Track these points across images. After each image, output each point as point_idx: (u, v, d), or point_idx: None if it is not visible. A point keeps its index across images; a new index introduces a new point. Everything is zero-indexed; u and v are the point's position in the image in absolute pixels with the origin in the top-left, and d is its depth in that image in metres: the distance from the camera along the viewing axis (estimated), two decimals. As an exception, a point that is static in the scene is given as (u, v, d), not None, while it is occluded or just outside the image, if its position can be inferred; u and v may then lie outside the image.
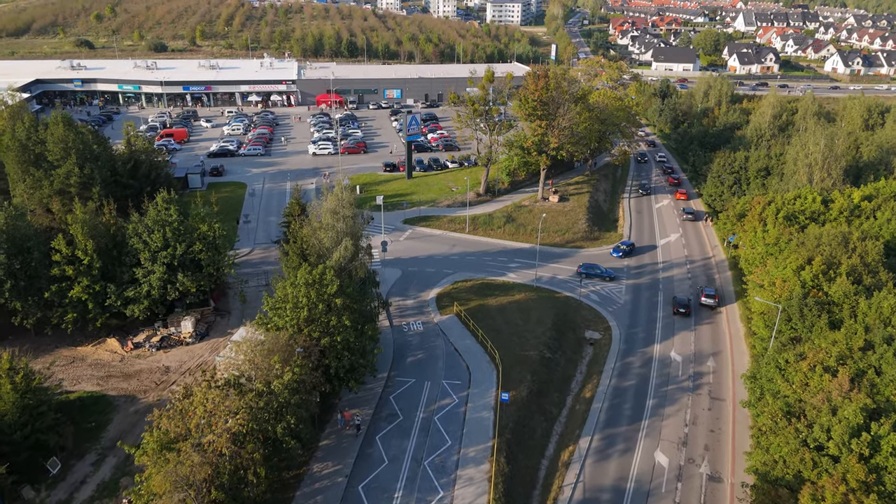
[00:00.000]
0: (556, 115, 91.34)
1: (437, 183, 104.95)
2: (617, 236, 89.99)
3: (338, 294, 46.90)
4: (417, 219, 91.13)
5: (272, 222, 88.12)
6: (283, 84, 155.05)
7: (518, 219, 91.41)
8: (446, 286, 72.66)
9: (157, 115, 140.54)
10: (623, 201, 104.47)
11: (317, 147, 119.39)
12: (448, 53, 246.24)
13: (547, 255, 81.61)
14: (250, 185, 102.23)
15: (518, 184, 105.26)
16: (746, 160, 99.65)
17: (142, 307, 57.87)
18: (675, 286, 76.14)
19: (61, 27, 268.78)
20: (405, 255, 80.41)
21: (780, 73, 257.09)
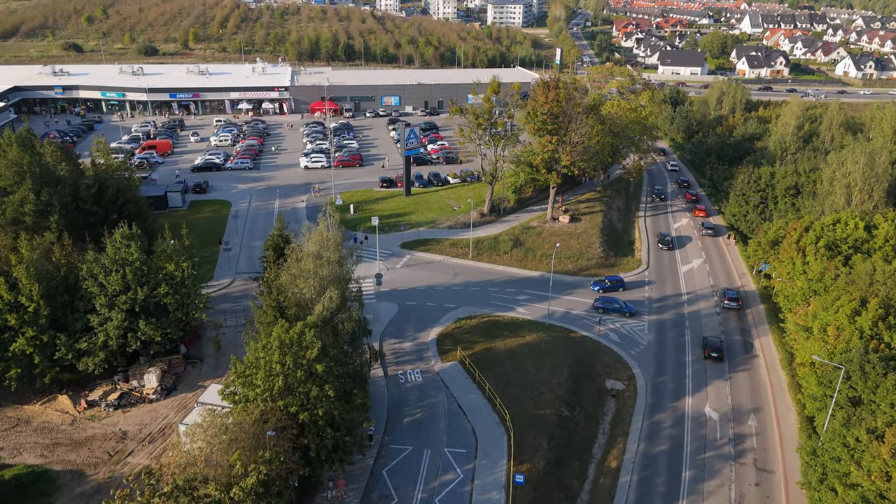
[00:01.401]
0: (567, 130, 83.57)
1: (437, 201, 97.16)
2: (634, 262, 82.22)
3: (319, 358, 39.15)
4: (416, 242, 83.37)
5: (257, 248, 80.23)
6: (276, 91, 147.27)
7: (526, 242, 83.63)
8: (448, 324, 64.89)
9: (140, 125, 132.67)
10: (638, 221, 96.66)
11: (309, 160, 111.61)
12: (448, 57, 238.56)
13: (559, 284, 73.83)
14: (235, 204, 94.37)
15: (525, 201, 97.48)
16: (772, 177, 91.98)
17: (97, 360, 50.12)
18: (702, 322, 68.38)
19: (51, 30, 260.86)
20: (403, 286, 72.67)
21: (791, 76, 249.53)
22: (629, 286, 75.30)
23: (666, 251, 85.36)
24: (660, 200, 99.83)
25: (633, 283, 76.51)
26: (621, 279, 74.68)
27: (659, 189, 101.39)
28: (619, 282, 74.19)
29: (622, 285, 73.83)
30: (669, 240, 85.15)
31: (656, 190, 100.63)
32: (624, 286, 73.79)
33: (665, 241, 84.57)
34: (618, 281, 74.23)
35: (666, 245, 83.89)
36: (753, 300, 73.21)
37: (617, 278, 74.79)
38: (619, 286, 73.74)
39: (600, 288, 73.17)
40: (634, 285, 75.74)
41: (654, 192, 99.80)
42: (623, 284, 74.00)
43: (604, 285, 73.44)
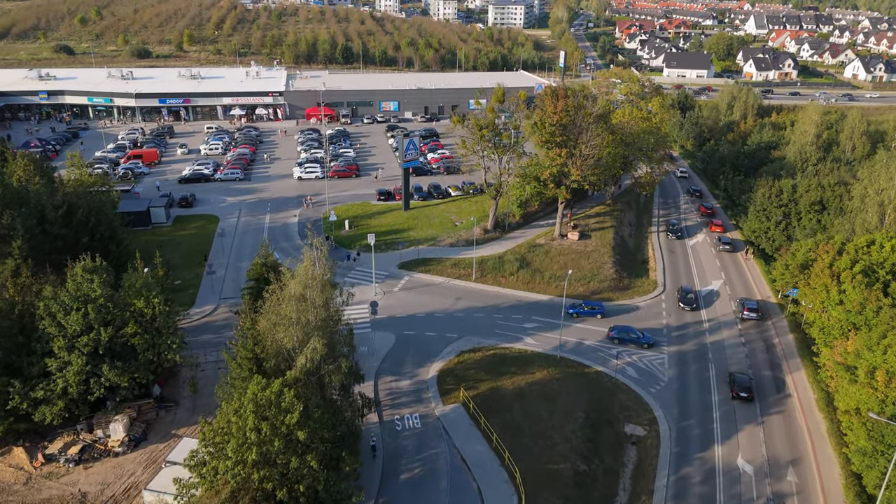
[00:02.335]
0: (577, 142, 77.94)
1: (438, 215, 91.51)
2: (649, 283, 76.56)
3: (301, 423, 33.56)
4: (415, 262, 77.73)
5: (244, 269, 74.50)
6: (270, 96, 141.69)
7: (533, 262, 77.99)
8: (450, 358, 59.24)
9: (127, 132, 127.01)
10: (651, 237, 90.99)
11: (303, 171, 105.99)
12: (449, 59, 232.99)
13: (569, 310, 68.22)
14: (223, 219, 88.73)
15: (531, 216, 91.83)
16: (794, 190, 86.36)
17: (55, 410, 44.49)
18: (727, 354, 62.72)
19: (43, 31, 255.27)
20: (400, 313, 67.03)
21: (800, 79, 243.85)
22: (645, 314, 69.71)
23: (685, 277, 79.68)
24: (676, 238, 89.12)
25: (650, 308, 70.96)
26: (601, 305, 68.54)
27: (675, 224, 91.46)
28: (596, 307, 68.30)
29: (601, 312, 67.82)
30: (693, 298, 71.60)
31: (672, 226, 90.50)
32: (603, 313, 67.62)
33: (688, 301, 70.90)
34: (595, 307, 68.34)
35: (689, 305, 70.63)
36: (781, 328, 67.53)
37: (596, 304, 68.84)
38: (598, 312, 67.83)
39: (575, 312, 67.73)
40: (650, 316, 70.08)
41: (671, 229, 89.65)
42: (602, 311, 67.78)
43: (579, 310, 67.90)
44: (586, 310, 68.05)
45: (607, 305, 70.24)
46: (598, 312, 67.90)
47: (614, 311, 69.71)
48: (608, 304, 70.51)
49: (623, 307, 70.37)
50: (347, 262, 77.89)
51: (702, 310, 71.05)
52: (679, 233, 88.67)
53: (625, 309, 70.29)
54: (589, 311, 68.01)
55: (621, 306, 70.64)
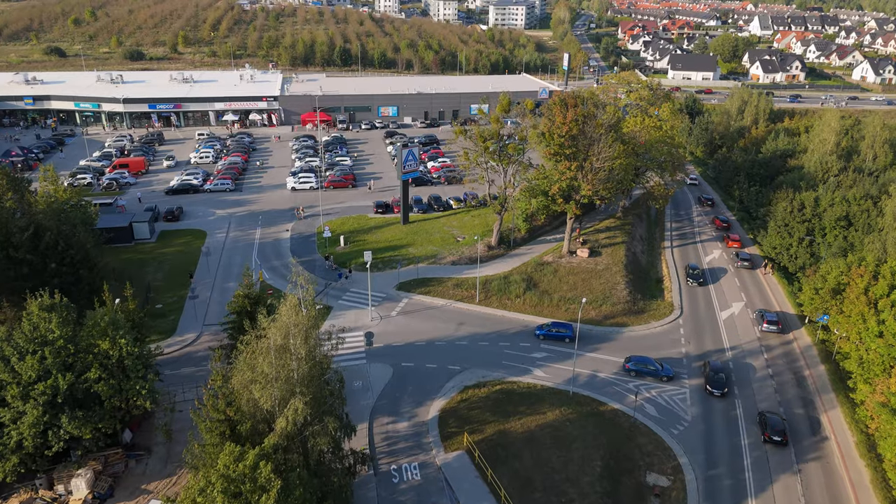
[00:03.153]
0: (587, 154, 72.85)
1: (438, 230, 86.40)
2: (665, 306, 71.45)
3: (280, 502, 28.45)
4: (415, 283, 72.63)
5: (231, 291, 69.48)
6: (264, 101, 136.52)
7: (541, 283, 72.88)
8: (453, 395, 54.15)
9: (115, 139, 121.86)
10: (665, 253, 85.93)
11: (297, 181, 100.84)
12: (450, 62, 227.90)
13: (581, 337, 63.11)
14: (211, 234, 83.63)
15: (537, 230, 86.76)
16: (817, 203, 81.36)
17: (8, 466, 39.43)
18: (754, 389, 57.63)
19: (35, 32, 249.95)
20: (398, 341, 61.94)
21: (808, 81, 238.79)
22: (662, 340, 64.64)
23: (702, 298, 74.56)
24: (698, 285, 75.78)
25: (667, 334, 65.87)
26: (570, 328, 63.03)
27: (695, 268, 77.83)
28: (564, 330, 63.07)
29: (569, 336, 62.51)
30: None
31: (692, 270, 76.89)
32: (572, 337, 62.10)
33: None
34: (563, 329, 63.15)
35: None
36: (811, 359, 62.38)
37: (565, 326, 63.56)
38: (566, 336, 62.69)
39: (542, 334, 62.99)
40: (668, 343, 65.01)
41: (691, 275, 76.13)
42: (571, 335, 62.29)
43: (547, 331, 63.09)
44: (553, 332, 63.26)
45: (623, 334, 65.21)
46: (567, 336, 62.88)
47: (630, 338, 64.66)
48: (623, 333, 65.46)
49: (641, 338, 65.10)
50: (340, 280, 72.91)
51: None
52: (701, 279, 75.96)
53: (643, 340, 65.06)
54: (556, 335, 63.12)
55: (639, 337, 65.40)
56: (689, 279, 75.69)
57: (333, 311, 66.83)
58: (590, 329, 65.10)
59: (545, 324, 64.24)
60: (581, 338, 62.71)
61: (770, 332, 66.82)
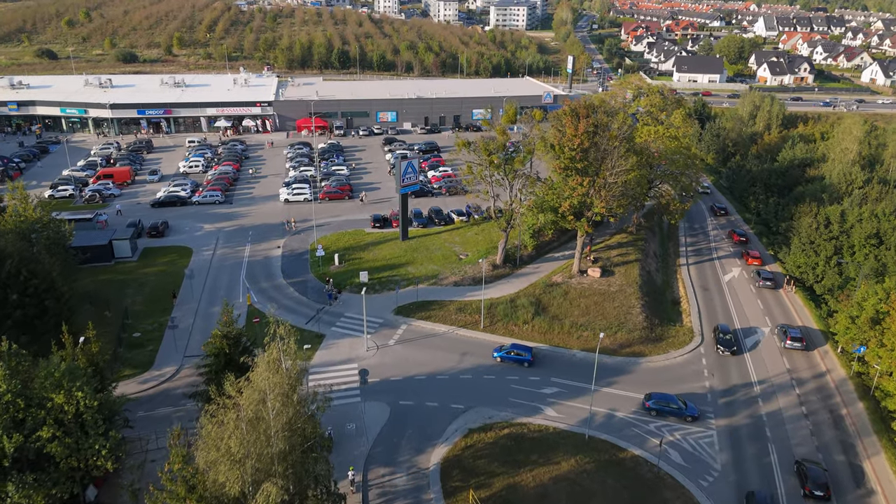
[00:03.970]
0: (600, 168, 67.63)
1: (440, 246, 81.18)
2: (685, 332, 66.21)
3: None
4: (415, 306, 67.41)
5: (215, 317, 64.29)
6: (258, 106, 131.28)
7: (550, 307, 67.65)
8: (456, 440, 48.95)
9: (101, 147, 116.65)
10: (681, 271, 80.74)
11: (290, 192, 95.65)
12: (450, 64, 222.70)
13: (592, 367, 57.96)
14: (197, 252, 78.44)
15: (544, 246, 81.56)
16: (843, 218, 76.20)
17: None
18: (787, 430, 52.40)
19: (27, 34, 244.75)
20: (396, 374, 56.76)
21: (817, 84, 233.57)
22: (683, 371, 59.43)
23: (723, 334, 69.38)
24: (731, 354, 62.16)
25: (688, 364, 60.66)
26: (530, 351, 58.82)
27: (725, 329, 64.47)
28: (523, 353, 58.59)
29: (528, 360, 58.25)
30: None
31: (722, 334, 63.53)
32: (531, 362, 58.24)
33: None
34: (522, 353, 58.67)
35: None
36: (847, 394, 57.17)
37: (525, 349, 59.17)
38: (524, 360, 58.31)
39: (500, 356, 58.76)
40: (690, 376, 59.79)
41: (721, 340, 62.50)
42: (530, 360, 58.21)
43: (506, 354, 58.78)
44: (512, 355, 58.81)
45: (640, 366, 60.01)
46: (526, 360, 58.52)
47: (648, 371, 59.44)
48: (641, 364, 60.25)
49: (661, 370, 59.86)
50: (330, 302, 67.81)
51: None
52: (733, 346, 61.98)
53: (663, 372, 59.83)
54: (515, 357, 58.69)
55: (659, 368, 60.15)
56: (720, 346, 61.83)
57: (326, 339, 61.70)
58: (605, 360, 59.82)
59: (504, 345, 60.03)
60: (596, 369, 57.56)
61: (794, 350, 63.18)
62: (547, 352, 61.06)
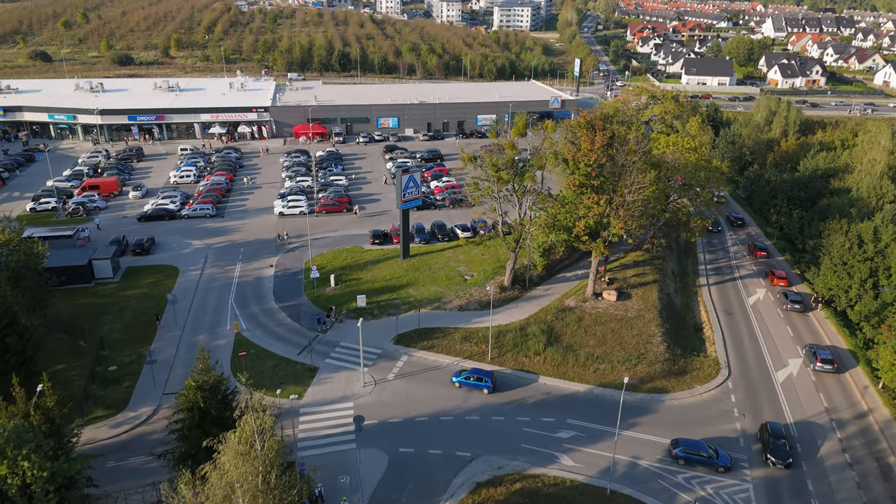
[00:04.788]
0: (618, 185, 62.30)
1: (443, 265, 75.95)
2: (710, 364, 60.84)
3: None
4: (416, 334, 62.18)
5: (199, 348, 59.18)
6: (254, 112, 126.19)
7: (563, 335, 62.36)
8: (462, 497, 43.71)
9: (89, 155, 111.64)
10: (701, 292, 75.40)
11: (285, 204, 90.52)
12: (454, 66, 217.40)
13: (613, 406, 52.77)
14: (184, 271, 73.36)
15: (555, 265, 76.28)
16: (877, 236, 70.81)
17: None
18: (831, 483, 47.04)
19: (23, 35, 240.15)
20: (396, 415, 51.57)
21: (829, 87, 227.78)
22: (710, 411, 54.12)
23: (751, 352, 64.07)
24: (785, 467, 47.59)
25: (715, 402, 55.33)
26: (490, 378, 54.76)
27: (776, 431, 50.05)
28: (484, 379, 54.74)
29: (487, 386, 54.42)
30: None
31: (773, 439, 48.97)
32: (491, 388, 54.22)
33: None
34: (483, 378, 54.81)
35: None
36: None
37: (486, 374, 55.18)
38: (484, 386, 54.46)
39: (458, 381, 54.86)
40: (718, 416, 54.45)
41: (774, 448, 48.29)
42: (489, 386, 54.26)
43: (465, 379, 54.84)
44: (472, 381, 54.72)
45: (664, 403, 54.71)
46: (485, 386, 54.50)
47: (672, 410, 54.15)
48: (664, 402, 54.95)
49: (687, 408, 54.52)
50: (319, 326, 62.76)
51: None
52: (789, 458, 47.61)
53: (690, 411, 54.50)
54: (475, 384, 54.66)
55: (684, 407, 54.80)
56: (771, 457, 47.75)
57: (319, 372, 56.55)
58: (624, 397, 54.43)
59: (464, 369, 56.22)
60: (612, 406, 52.34)
61: (825, 372, 59.59)
62: (563, 388, 55.76)
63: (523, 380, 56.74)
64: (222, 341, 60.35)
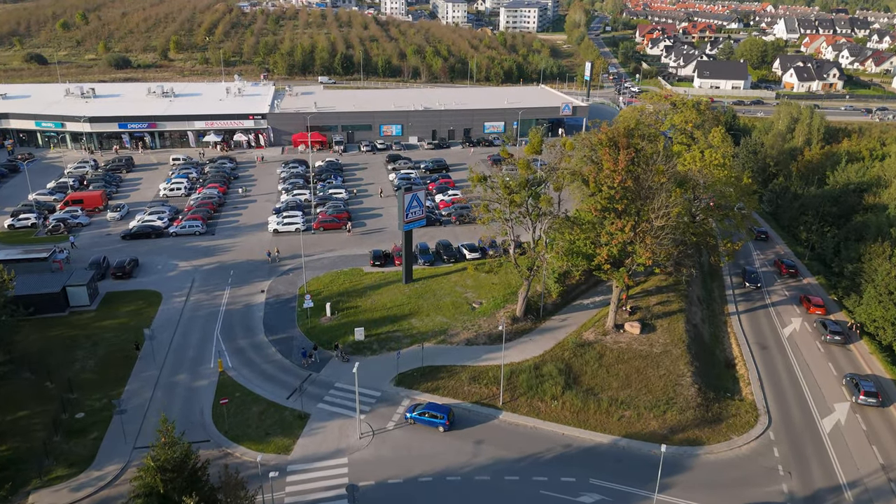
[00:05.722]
0: (644, 209, 56.09)
1: (449, 291, 69.83)
2: (746, 409, 54.47)
3: None
4: (419, 374, 56.14)
5: (180, 389, 53.30)
6: (251, 119, 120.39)
7: (583, 375, 56.22)
8: (472, 582, 37.62)
9: (76, 165, 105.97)
10: (731, 322, 69.11)
11: (280, 221, 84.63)
12: (459, 69, 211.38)
13: (642, 461, 46.67)
14: (167, 297, 67.49)
15: (571, 290, 70.13)
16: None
17: None
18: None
19: (20, 37, 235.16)
20: (395, 475, 45.48)
21: (847, 91, 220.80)
22: (750, 468, 47.84)
23: (792, 394, 57.74)
24: None
25: (756, 457, 49.06)
26: (446, 413, 49.59)
27: None
28: (438, 416, 49.45)
29: (443, 423, 49.24)
30: None
31: None
32: (446, 426, 49.23)
33: None
34: (437, 415, 49.52)
35: None
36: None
37: (441, 410, 49.94)
38: (439, 423, 49.30)
39: (412, 417, 49.96)
40: (759, 476, 48.18)
41: None
42: (444, 423, 49.22)
43: (418, 416, 49.92)
44: (426, 417, 49.67)
45: (699, 457, 48.46)
46: (440, 423, 49.38)
47: (709, 466, 47.83)
48: (699, 456, 48.69)
49: (727, 466, 48.22)
50: (305, 360, 56.96)
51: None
52: None
53: (730, 469, 48.23)
54: (429, 421, 49.62)
55: (723, 464, 48.50)
56: None
57: (311, 420, 50.56)
58: (650, 450, 48.21)
59: (419, 403, 51.30)
60: (639, 463, 46.26)
61: (869, 406, 54.46)
62: (584, 439, 49.61)
63: (541, 431, 50.53)
64: (204, 382, 54.45)
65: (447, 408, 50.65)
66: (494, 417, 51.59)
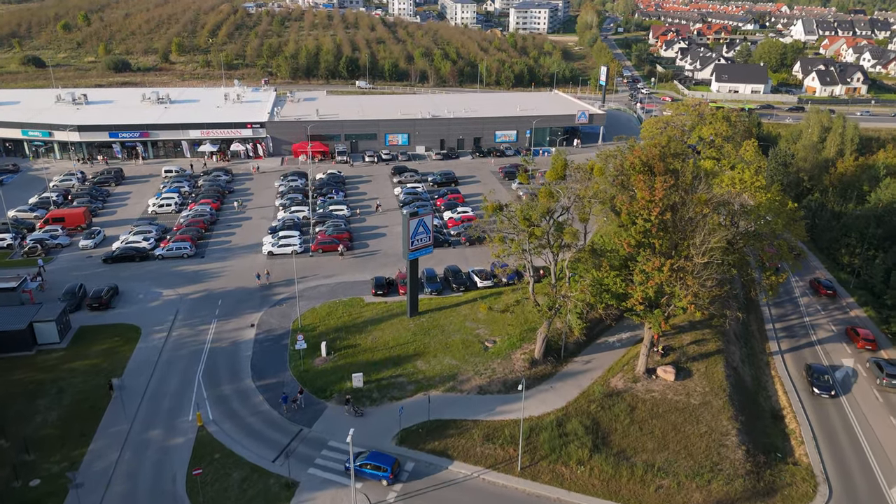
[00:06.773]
0: (683, 244, 48.89)
1: (459, 326, 62.86)
2: (802, 476, 47.17)
3: None
4: (425, 430, 49.22)
5: (152, 447, 46.54)
6: (249, 127, 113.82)
7: (613, 434, 49.13)
8: None
9: (61, 178, 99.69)
10: (774, 362, 61.82)
11: (276, 243, 77.92)
12: (468, 73, 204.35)
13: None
14: (147, 333, 60.89)
15: (595, 326, 63.01)
16: None
17: None
18: None
19: (20, 39, 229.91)
20: (398, 561, 38.57)
21: (871, 95, 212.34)
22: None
23: (853, 458, 50.44)
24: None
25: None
26: (390, 466, 44.11)
27: None
28: (382, 467, 43.99)
29: (387, 476, 43.95)
30: None
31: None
32: (390, 479, 43.92)
33: None
34: (381, 467, 44.08)
35: None
36: None
37: (384, 460, 44.47)
38: (383, 476, 43.97)
39: (354, 468, 43.19)
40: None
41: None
42: (389, 477, 43.95)
43: (359, 467, 44.08)
44: (368, 469, 43.74)
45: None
46: (384, 476, 43.56)
47: (764, 554, 40.69)
48: None
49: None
50: (286, 407, 50.37)
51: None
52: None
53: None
54: (371, 473, 43.93)
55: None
56: None
57: (300, 490, 43.71)
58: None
59: (363, 452, 45.40)
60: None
61: None
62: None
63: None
64: (180, 440, 47.72)
65: (392, 458, 44.86)
66: (514, 487, 44.55)
